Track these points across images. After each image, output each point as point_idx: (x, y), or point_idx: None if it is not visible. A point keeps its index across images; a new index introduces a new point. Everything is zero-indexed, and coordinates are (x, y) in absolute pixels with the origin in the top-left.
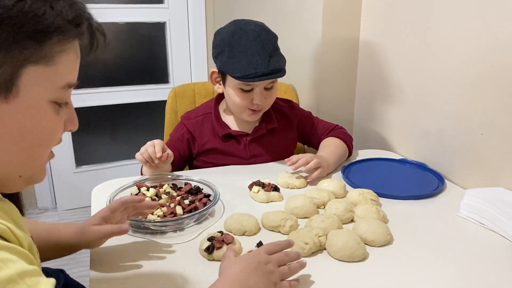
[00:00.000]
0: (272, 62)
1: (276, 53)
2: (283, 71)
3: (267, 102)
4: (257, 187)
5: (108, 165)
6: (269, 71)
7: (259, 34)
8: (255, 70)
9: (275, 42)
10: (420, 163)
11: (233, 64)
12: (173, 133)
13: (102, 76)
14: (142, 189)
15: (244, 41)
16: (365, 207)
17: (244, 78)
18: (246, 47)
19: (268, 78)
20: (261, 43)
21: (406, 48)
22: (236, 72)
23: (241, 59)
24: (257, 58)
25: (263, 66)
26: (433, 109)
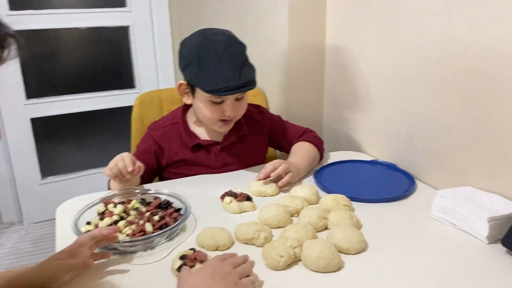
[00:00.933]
0: (243, 74)
1: (246, 64)
2: (254, 82)
3: (238, 112)
4: (229, 198)
5: (76, 175)
6: (240, 84)
7: (227, 46)
8: (226, 84)
9: (244, 52)
10: (390, 164)
11: (203, 77)
12: (140, 144)
13: (66, 84)
14: (109, 206)
15: (213, 53)
16: (339, 214)
17: (216, 92)
18: (215, 60)
19: (240, 91)
20: (230, 55)
21: (372, 50)
22: (207, 86)
23: (211, 72)
24: (227, 71)
25: (234, 79)
26: (401, 110)
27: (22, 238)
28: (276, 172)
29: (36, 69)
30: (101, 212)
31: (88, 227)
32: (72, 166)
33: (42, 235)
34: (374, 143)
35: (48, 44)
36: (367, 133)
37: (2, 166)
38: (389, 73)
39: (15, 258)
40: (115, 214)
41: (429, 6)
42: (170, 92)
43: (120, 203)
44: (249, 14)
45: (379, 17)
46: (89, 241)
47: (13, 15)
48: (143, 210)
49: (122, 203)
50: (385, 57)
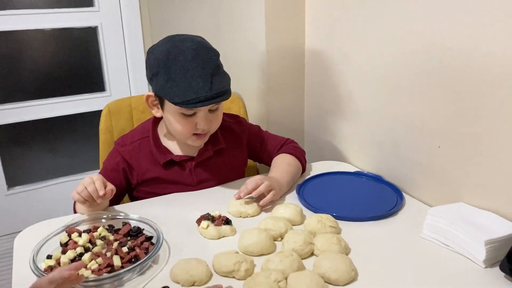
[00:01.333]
0: (215, 83)
1: (219, 72)
2: (228, 92)
3: (213, 125)
4: (206, 222)
5: (45, 184)
6: (212, 95)
7: (198, 53)
8: (196, 95)
9: (217, 59)
10: (376, 176)
11: (171, 88)
12: (107, 161)
13: (32, 88)
14: (73, 236)
15: (182, 61)
16: (325, 238)
17: (185, 104)
18: (184, 68)
19: (211, 102)
20: (201, 63)
21: (354, 54)
22: (175, 98)
23: (179, 82)
24: (198, 80)
25: (205, 90)
26: (386, 118)
27: None
28: (258, 191)
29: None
30: (64, 243)
31: (48, 262)
32: (40, 174)
33: (9, 249)
34: (358, 152)
35: (11, 46)
36: (350, 142)
37: None
38: (373, 78)
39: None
40: (79, 245)
41: (417, 7)
42: (141, 99)
43: (85, 231)
44: (224, 16)
45: (361, 20)
46: (47, 286)
47: None
48: (110, 239)
49: (88, 231)
50: (369, 61)
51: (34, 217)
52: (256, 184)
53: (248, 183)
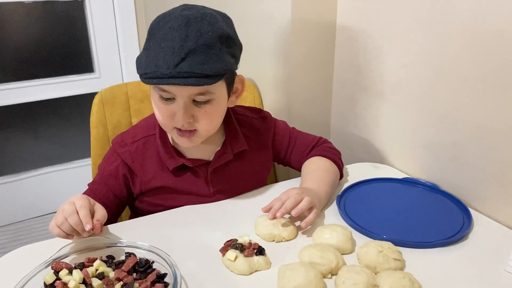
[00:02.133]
0: (188, 61)
1: (205, 53)
2: (206, 78)
3: (199, 122)
4: (233, 252)
5: (29, 174)
6: (174, 73)
7: (188, 22)
8: (155, 68)
9: (213, 38)
10: (431, 184)
11: (142, 58)
12: (103, 165)
13: (12, 69)
14: (62, 274)
15: (166, 29)
16: (394, 279)
17: (143, 77)
18: (163, 37)
19: (169, 82)
20: (184, 34)
21: (400, 33)
22: (138, 68)
23: (151, 51)
24: (167, 52)
25: (167, 64)
26: (442, 115)
27: None
28: (298, 210)
29: None
30: (49, 284)
31: None
32: (23, 164)
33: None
34: (402, 154)
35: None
36: (392, 141)
37: None
38: (426, 66)
39: None
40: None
41: None
42: (139, 86)
43: (77, 267)
44: None
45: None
46: None
47: None
48: (110, 277)
49: (80, 266)
50: (420, 44)
51: (17, 210)
52: (296, 201)
53: (283, 198)
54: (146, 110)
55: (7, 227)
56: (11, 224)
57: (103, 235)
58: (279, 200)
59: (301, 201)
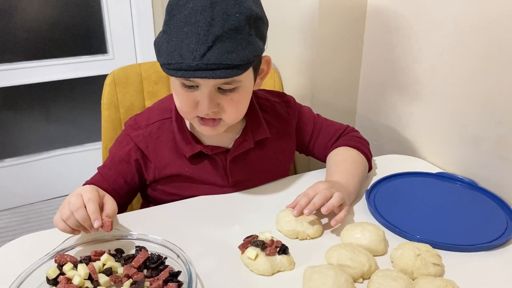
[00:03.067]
0: (215, 50)
1: (233, 39)
2: (236, 69)
3: (226, 111)
4: (253, 250)
5: (39, 157)
6: (200, 65)
7: (213, 3)
8: (180, 59)
9: (240, 19)
10: (468, 181)
11: (162, 44)
12: (115, 149)
13: (25, 48)
14: (66, 268)
15: (188, 10)
16: (433, 286)
17: (166, 67)
18: (185, 20)
19: (195, 75)
20: (209, 18)
21: (439, 13)
22: (160, 56)
23: (173, 37)
24: (191, 39)
25: (193, 55)
26: (485, 106)
27: None
28: (329, 207)
29: None
30: (52, 279)
31: None
32: (34, 146)
33: (2, 228)
34: (436, 146)
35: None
36: (424, 131)
37: None
38: (467, 50)
39: None
40: (74, 286)
41: None
42: (153, 67)
43: (82, 261)
44: None
45: None
46: None
47: None
48: (119, 274)
49: (86, 260)
50: (461, 25)
51: (26, 194)
52: (325, 197)
53: (310, 193)
54: (160, 93)
55: (18, 209)
56: (22, 206)
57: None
58: (305, 195)
59: (331, 198)
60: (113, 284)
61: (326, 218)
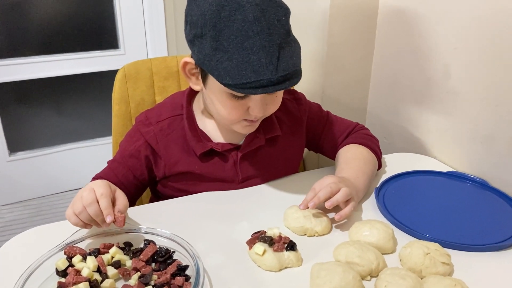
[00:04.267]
0: (284, 60)
1: (289, 42)
2: (299, 73)
3: (269, 109)
4: (261, 246)
5: (51, 150)
6: (278, 78)
7: (262, 11)
8: (256, 77)
9: (287, 21)
10: (480, 180)
11: (221, 62)
12: (125, 143)
13: (38, 43)
14: (75, 260)
15: (239, 22)
16: (443, 286)
17: (239, 87)
18: (242, 34)
19: (277, 89)
20: (266, 28)
21: (451, 13)
22: (225, 77)
23: (233, 54)
24: (260, 54)
25: (269, 70)
26: (497, 106)
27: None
28: (334, 201)
29: (2, 25)
30: (61, 270)
31: None
32: (46, 139)
33: (12, 220)
34: (448, 145)
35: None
36: (435, 130)
37: None
38: (481, 49)
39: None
40: (83, 278)
41: None
42: (164, 62)
43: (91, 253)
44: None
45: None
46: None
47: None
48: (127, 267)
49: (95, 252)
50: (475, 23)
51: (37, 187)
52: (331, 191)
53: (316, 188)
54: (171, 88)
55: (29, 201)
56: (33, 199)
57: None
58: (312, 190)
59: (337, 192)
60: (121, 277)
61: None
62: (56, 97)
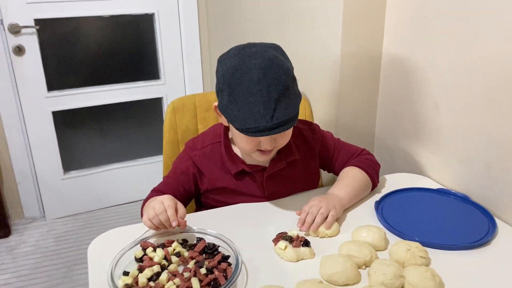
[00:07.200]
0: (279, 111)
1: (286, 95)
2: (293, 119)
3: (279, 142)
4: (283, 243)
5: (99, 169)
6: (272, 125)
7: (264, 73)
8: (255, 124)
9: (286, 79)
10: (463, 195)
11: (233, 111)
12: (177, 163)
13: (88, 75)
14: (148, 251)
15: (246, 82)
16: (418, 272)
17: (244, 131)
18: (247, 92)
19: (271, 133)
20: (266, 86)
21: (442, 61)
22: (235, 122)
23: (241, 106)
24: (259, 107)
25: (265, 119)
26: (479, 135)
27: (45, 235)
28: (314, 227)
29: (57, 61)
30: (138, 258)
31: (126, 279)
32: (94, 160)
33: (65, 232)
34: (439, 167)
35: (70, 33)
36: (430, 154)
37: (24, 160)
38: (463, 88)
39: (39, 257)
40: (155, 262)
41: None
42: (205, 97)
43: (159, 246)
44: (291, 11)
45: (450, 22)
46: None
47: (33, 3)
48: (185, 256)
49: (162, 245)
50: (462, 70)
51: (88, 201)
52: (313, 215)
53: (306, 209)
54: (210, 119)
55: (79, 215)
56: (83, 213)
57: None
58: (303, 211)
59: (317, 214)
60: (181, 263)
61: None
62: (102, 123)
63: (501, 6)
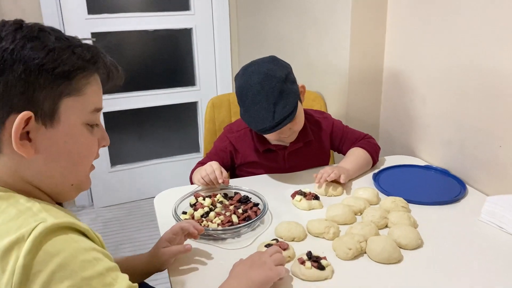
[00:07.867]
0: (278, 111)
1: (283, 97)
2: (292, 113)
3: (294, 129)
4: (299, 196)
5: (140, 164)
6: (275, 123)
7: (262, 86)
8: (262, 125)
9: (280, 85)
10: (443, 170)
11: (247, 118)
12: (217, 142)
13: (133, 81)
14: (200, 199)
15: (251, 96)
16: (398, 214)
17: (257, 131)
18: (252, 102)
19: (276, 129)
20: (264, 96)
21: (428, 64)
22: (250, 125)
23: (252, 113)
24: (263, 112)
25: (268, 120)
26: (454, 120)
27: (94, 221)
28: (331, 177)
29: None
30: (192, 204)
31: (184, 216)
32: (137, 156)
33: (111, 218)
34: (428, 149)
35: (119, 44)
36: (421, 139)
37: None
38: (444, 86)
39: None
40: (205, 205)
41: (485, 29)
42: None
43: (207, 197)
44: (309, 23)
45: (436, 36)
46: (180, 231)
47: (91, 19)
48: (227, 203)
49: (209, 196)
50: (441, 71)
51: (132, 192)
52: (328, 173)
53: (321, 171)
54: None
55: (123, 205)
56: (126, 202)
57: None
58: (320, 173)
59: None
60: (223, 209)
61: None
62: (145, 124)
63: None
